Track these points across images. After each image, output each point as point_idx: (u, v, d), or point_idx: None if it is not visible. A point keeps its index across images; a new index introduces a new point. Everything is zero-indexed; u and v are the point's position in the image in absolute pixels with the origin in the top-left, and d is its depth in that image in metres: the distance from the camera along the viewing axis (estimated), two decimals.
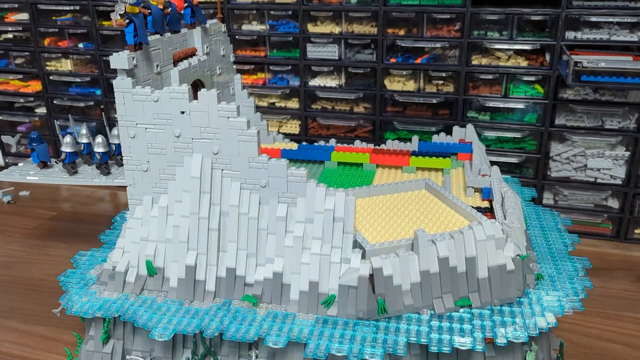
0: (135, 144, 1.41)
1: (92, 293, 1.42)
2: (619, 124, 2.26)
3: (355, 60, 2.50)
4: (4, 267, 2.21)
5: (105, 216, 2.58)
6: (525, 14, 2.24)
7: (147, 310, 1.33)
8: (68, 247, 2.34)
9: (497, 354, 1.26)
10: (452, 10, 2.30)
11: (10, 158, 3.14)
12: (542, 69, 2.29)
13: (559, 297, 1.33)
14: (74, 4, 2.76)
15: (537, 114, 2.36)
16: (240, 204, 1.36)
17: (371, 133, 2.58)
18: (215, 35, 1.84)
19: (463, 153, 1.87)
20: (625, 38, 2.18)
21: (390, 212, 1.52)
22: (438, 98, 2.43)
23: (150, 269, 1.40)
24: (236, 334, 1.24)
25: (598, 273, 2.11)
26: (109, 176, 2.10)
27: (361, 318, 1.27)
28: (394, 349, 1.19)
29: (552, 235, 1.66)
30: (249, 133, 1.33)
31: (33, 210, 2.71)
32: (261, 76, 2.64)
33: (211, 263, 1.37)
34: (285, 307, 1.33)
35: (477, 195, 1.65)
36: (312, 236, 1.32)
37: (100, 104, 2.89)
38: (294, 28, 2.51)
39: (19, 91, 3.00)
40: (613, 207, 2.37)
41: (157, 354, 1.37)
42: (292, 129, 2.67)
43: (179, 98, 1.35)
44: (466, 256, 1.29)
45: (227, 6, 2.55)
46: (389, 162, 1.84)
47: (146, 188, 1.44)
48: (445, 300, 1.30)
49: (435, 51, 2.42)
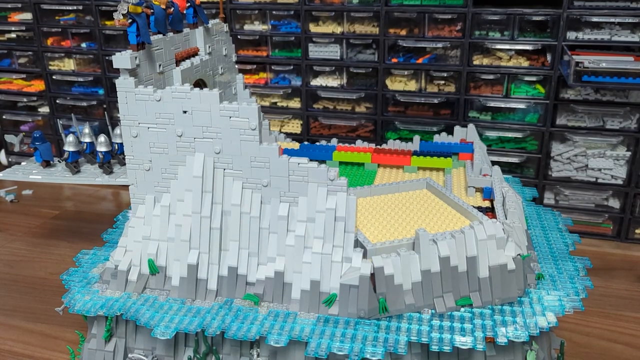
0: (138, 143, 1.42)
1: (94, 291, 1.42)
2: (620, 124, 2.26)
3: (357, 60, 2.50)
4: (7, 265, 2.22)
5: (107, 215, 2.59)
6: (526, 14, 2.25)
7: (149, 308, 1.34)
8: (71, 245, 2.35)
9: (498, 353, 1.27)
10: (454, 10, 2.30)
11: (13, 157, 3.15)
12: (543, 69, 2.29)
13: (559, 296, 1.33)
14: (76, 4, 2.77)
15: (538, 114, 2.36)
16: (242, 203, 1.37)
17: (372, 133, 2.59)
18: (217, 35, 1.84)
19: (464, 153, 1.88)
20: (626, 38, 2.18)
21: (392, 211, 1.52)
22: (439, 98, 2.44)
23: (152, 267, 1.40)
24: (238, 333, 1.25)
25: (599, 273, 2.11)
26: (111, 175, 2.10)
27: (362, 317, 1.28)
28: (395, 348, 1.20)
29: (553, 235, 1.66)
30: (251, 133, 1.33)
31: (36, 209, 2.71)
32: (263, 76, 2.65)
33: (213, 262, 1.38)
34: (287, 306, 1.33)
35: (478, 195, 1.65)
36: (314, 235, 1.32)
37: (102, 103, 2.89)
38: (295, 28, 2.52)
39: (22, 90, 3.01)
40: (614, 207, 2.38)
41: (159, 353, 1.38)
42: (294, 128, 2.67)
43: (181, 97, 1.35)
44: (467, 255, 1.29)
45: (229, 6, 2.55)
46: (390, 161, 1.84)
47: (148, 187, 1.44)
48: (446, 300, 1.30)
49: (437, 51, 2.42)
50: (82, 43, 2.84)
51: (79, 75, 2.89)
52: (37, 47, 2.89)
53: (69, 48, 2.86)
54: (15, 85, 3.02)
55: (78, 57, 2.89)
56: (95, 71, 2.88)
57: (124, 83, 1.38)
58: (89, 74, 2.88)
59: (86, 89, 2.92)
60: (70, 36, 2.84)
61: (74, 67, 2.90)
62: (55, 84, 2.95)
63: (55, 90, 2.96)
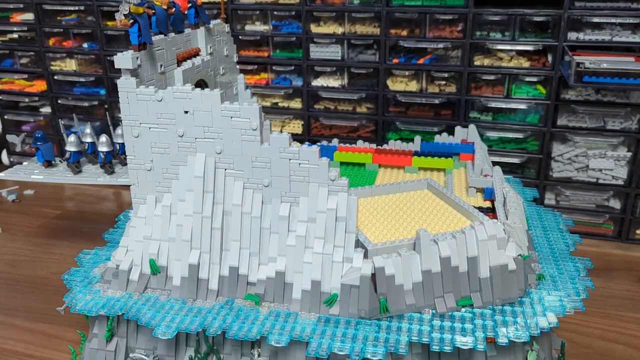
0: (139, 144, 1.42)
1: (95, 291, 1.42)
2: (620, 124, 2.27)
3: (358, 61, 2.50)
4: (8, 265, 2.23)
5: (109, 215, 2.59)
6: (527, 14, 2.25)
7: (151, 308, 1.34)
8: (72, 245, 2.35)
9: (499, 353, 1.27)
10: (455, 10, 2.30)
11: (15, 157, 3.16)
12: (544, 69, 2.29)
13: (560, 297, 1.33)
14: (78, 4, 2.77)
15: (539, 115, 2.36)
16: (243, 203, 1.37)
17: (373, 133, 2.59)
18: (218, 35, 1.84)
19: (465, 153, 1.88)
20: (627, 39, 2.18)
21: (392, 211, 1.52)
22: (440, 98, 2.44)
23: (153, 267, 1.41)
24: (239, 333, 1.25)
25: (599, 273, 2.11)
26: (112, 175, 2.11)
27: (363, 317, 1.28)
28: (396, 348, 1.20)
29: (554, 235, 1.66)
30: (252, 133, 1.34)
31: (37, 208, 2.72)
32: (264, 76, 2.65)
33: (214, 262, 1.38)
34: (288, 306, 1.33)
35: (479, 196, 1.65)
36: (315, 235, 1.32)
37: (104, 103, 2.90)
38: (297, 28, 2.52)
39: (23, 91, 3.02)
40: (615, 208, 2.38)
41: (160, 352, 1.38)
42: (295, 129, 2.68)
43: (182, 98, 1.36)
44: (468, 256, 1.29)
45: (230, 6, 2.56)
46: (391, 162, 1.85)
47: (150, 187, 1.45)
48: (447, 300, 1.30)
49: (438, 52, 2.42)
50: (84, 43, 2.85)
51: (81, 75, 2.89)
52: (38, 47, 2.90)
53: (70, 48, 2.86)
54: (17, 86, 3.03)
55: (80, 58, 2.89)
56: (96, 71, 2.88)
57: (126, 83, 1.38)
58: (91, 74, 2.88)
59: (88, 89, 2.92)
60: (72, 36, 2.84)
61: (75, 68, 2.90)
62: (56, 84, 2.96)
63: (57, 90, 2.96)
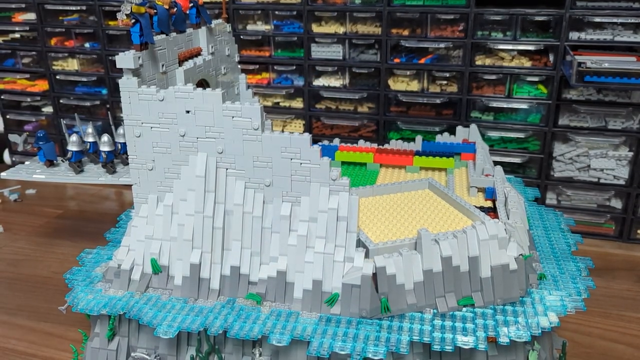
0: (141, 143, 1.42)
1: (97, 290, 1.43)
2: (622, 124, 2.26)
3: (359, 61, 2.50)
4: (10, 264, 2.23)
5: (110, 214, 2.59)
6: (529, 14, 2.25)
7: (152, 307, 1.35)
8: (74, 245, 2.36)
9: (500, 353, 1.27)
10: (456, 10, 2.30)
11: (17, 156, 3.16)
12: (545, 69, 2.29)
13: (561, 296, 1.33)
14: (80, 4, 2.77)
15: (541, 114, 2.36)
16: (245, 203, 1.37)
17: (375, 133, 2.59)
18: (220, 35, 1.85)
19: (466, 153, 1.88)
20: (629, 39, 2.18)
21: (394, 211, 1.52)
22: (442, 98, 2.44)
23: (155, 267, 1.41)
24: (240, 332, 1.25)
25: (601, 273, 2.11)
26: (114, 175, 2.11)
27: (364, 317, 1.28)
28: (397, 348, 1.20)
29: (555, 235, 1.66)
30: (254, 133, 1.34)
31: (39, 208, 2.72)
32: (266, 76, 2.65)
33: (215, 261, 1.38)
34: (289, 306, 1.34)
35: (480, 195, 1.65)
36: (316, 235, 1.32)
37: (106, 103, 2.90)
38: (298, 28, 2.52)
39: (25, 90, 3.02)
40: (616, 208, 2.38)
41: (161, 351, 1.38)
42: (296, 128, 2.68)
43: (184, 97, 1.36)
44: (469, 255, 1.30)
45: (232, 6, 2.56)
46: (392, 161, 1.85)
47: (151, 187, 1.45)
48: (448, 300, 1.30)
49: (439, 51, 2.42)
50: (86, 43, 2.85)
51: (83, 75, 2.90)
52: (40, 47, 2.90)
53: (72, 48, 2.86)
54: (19, 85, 3.03)
55: (81, 57, 2.89)
56: (98, 71, 2.88)
57: (127, 83, 1.38)
58: (93, 74, 2.89)
59: (89, 88, 2.92)
60: (73, 36, 2.85)
61: (77, 67, 2.91)
62: (58, 84, 2.96)
63: (59, 90, 2.97)
